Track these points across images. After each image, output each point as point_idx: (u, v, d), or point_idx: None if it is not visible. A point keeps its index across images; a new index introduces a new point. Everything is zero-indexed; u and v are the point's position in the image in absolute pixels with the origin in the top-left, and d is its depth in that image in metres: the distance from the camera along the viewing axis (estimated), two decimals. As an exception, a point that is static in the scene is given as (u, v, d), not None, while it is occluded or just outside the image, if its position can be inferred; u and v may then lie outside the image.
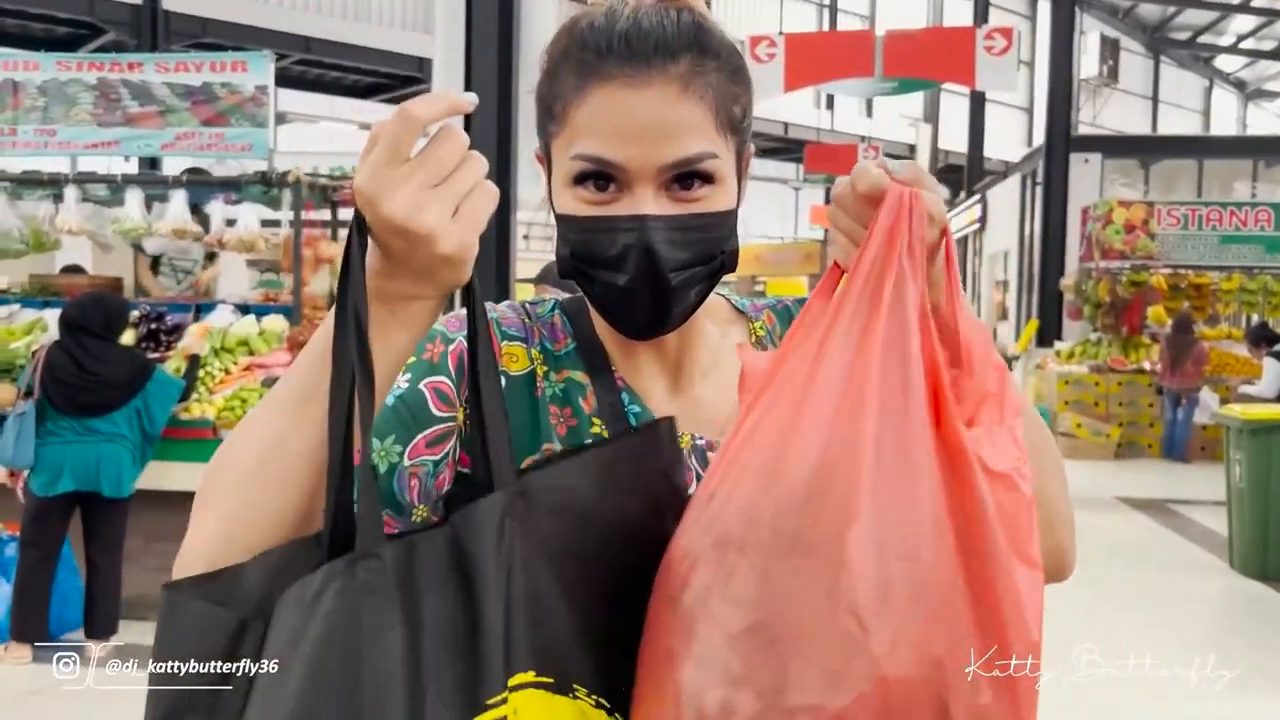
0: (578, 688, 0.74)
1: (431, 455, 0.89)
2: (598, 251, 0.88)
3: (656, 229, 0.86)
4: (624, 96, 0.86)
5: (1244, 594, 6.12)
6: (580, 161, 0.87)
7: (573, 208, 0.89)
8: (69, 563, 4.80)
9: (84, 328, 4.65)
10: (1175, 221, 13.11)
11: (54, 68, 6.43)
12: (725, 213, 0.90)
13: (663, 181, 0.87)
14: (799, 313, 0.82)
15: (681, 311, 0.91)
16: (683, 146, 0.86)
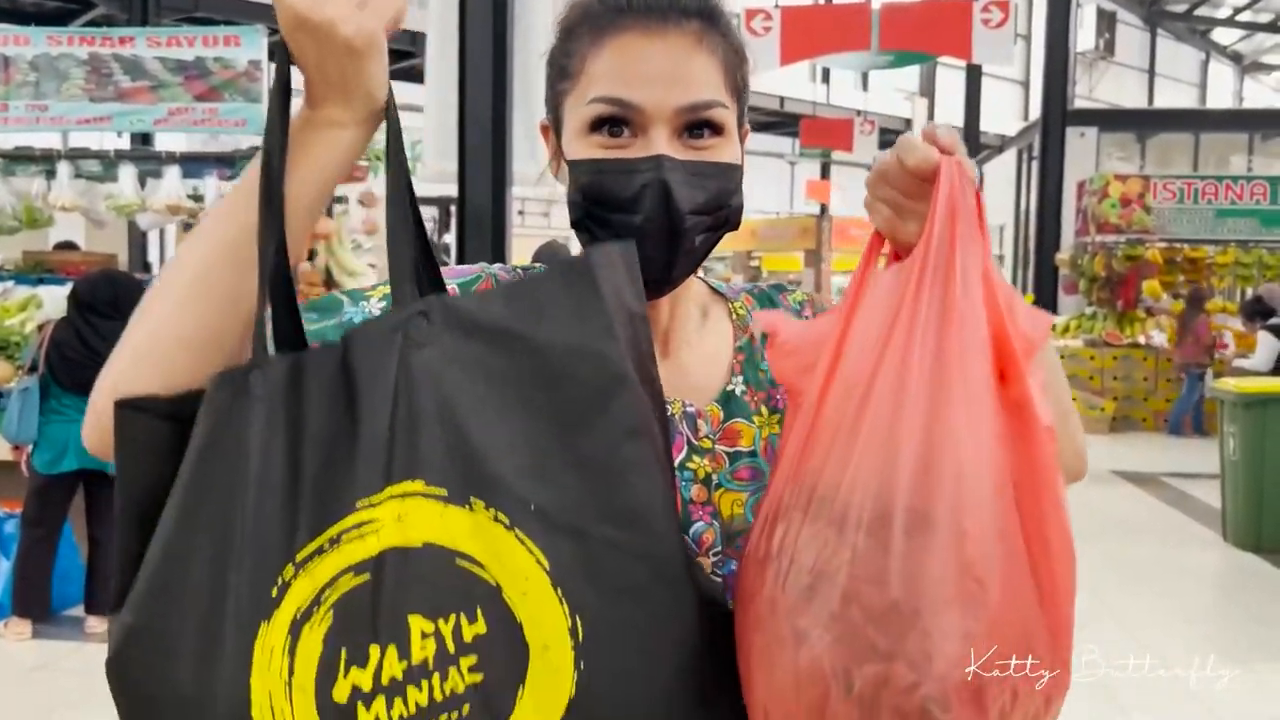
0: (476, 501, 0.73)
1: None
2: (613, 192, 0.90)
3: (674, 169, 0.88)
4: (642, 43, 0.89)
5: (1237, 566, 6.16)
6: (598, 105, 0.89)
7: (588, 151, 0.91)
8: (69, 539, 4.81)
9: (92, 306, 4.63)
10: (1171, 195, 13.10)
11: (45, 42, 6.39)
12: (734, 165, 0.93)
13: (676, 127, 0.89)
14: (853, 281, 0.84)
15: (688, 260, 0.92)
16: (698, 91, 0.89)
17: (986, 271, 0.76)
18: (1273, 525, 6.28)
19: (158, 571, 0.75)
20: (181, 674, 0.75)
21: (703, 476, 0.96)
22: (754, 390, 1.01)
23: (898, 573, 0.71)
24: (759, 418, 1.00)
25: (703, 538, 0.94)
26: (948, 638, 0.70)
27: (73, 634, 4.62)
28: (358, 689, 0.72)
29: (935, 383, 0.74)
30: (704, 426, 0.98)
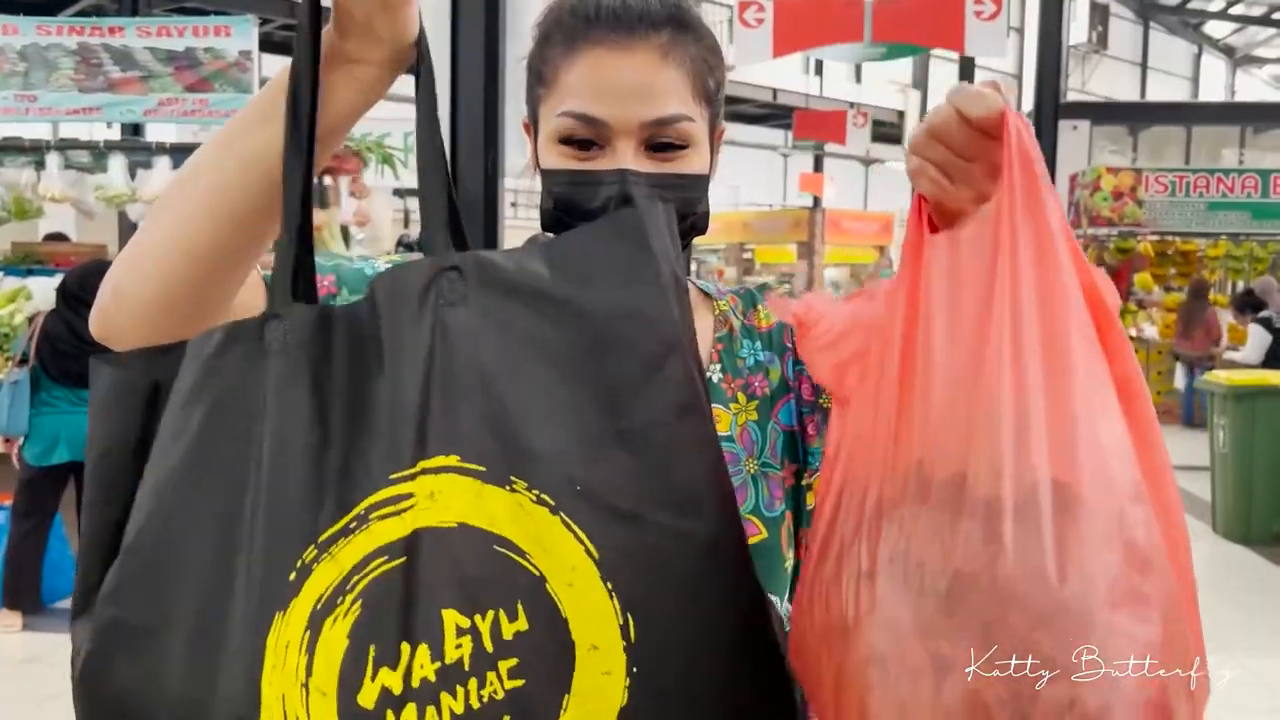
0: (516, 480, 0.66)
1: None
2: (580, 203, 0.92)
3: (637, 183, 0.90)
4: (610, 59, 0.91)
5: (1227, 557, 6.19)
6: (567, 118, 0.92)
7: (558, 162, 0.94)
8: (59, 531, 4.80)
9: (81, 298, 4.61)
10: (1163, 188, 13.13)
11: (34, 32, 6.35)
12: (699, 176, 0.95)
13: (642, 141, 0.92)
14: (903, 253, 0.77)
15: None
16: (663, 106, 0.91)
17: (1066, 229, 0.68)
18: (1262, 517, 6.31)
19: (145, 552, 0.68)
20: (175, 675, 0.66)
21: None
22: (731, 378, 1.02)
23: (1062, 563, 0.60)
24: (735, 405, 1.01)
25: None
26: (1130, 642, 0.60)
27: (63, 626, 4.59)
28: (387, 692, 0.64)
29: (1052, 350, 0.65)
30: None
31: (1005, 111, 0.71)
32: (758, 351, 1.05)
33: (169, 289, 0.76)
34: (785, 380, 1.05)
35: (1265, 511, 6.30)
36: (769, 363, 1.04)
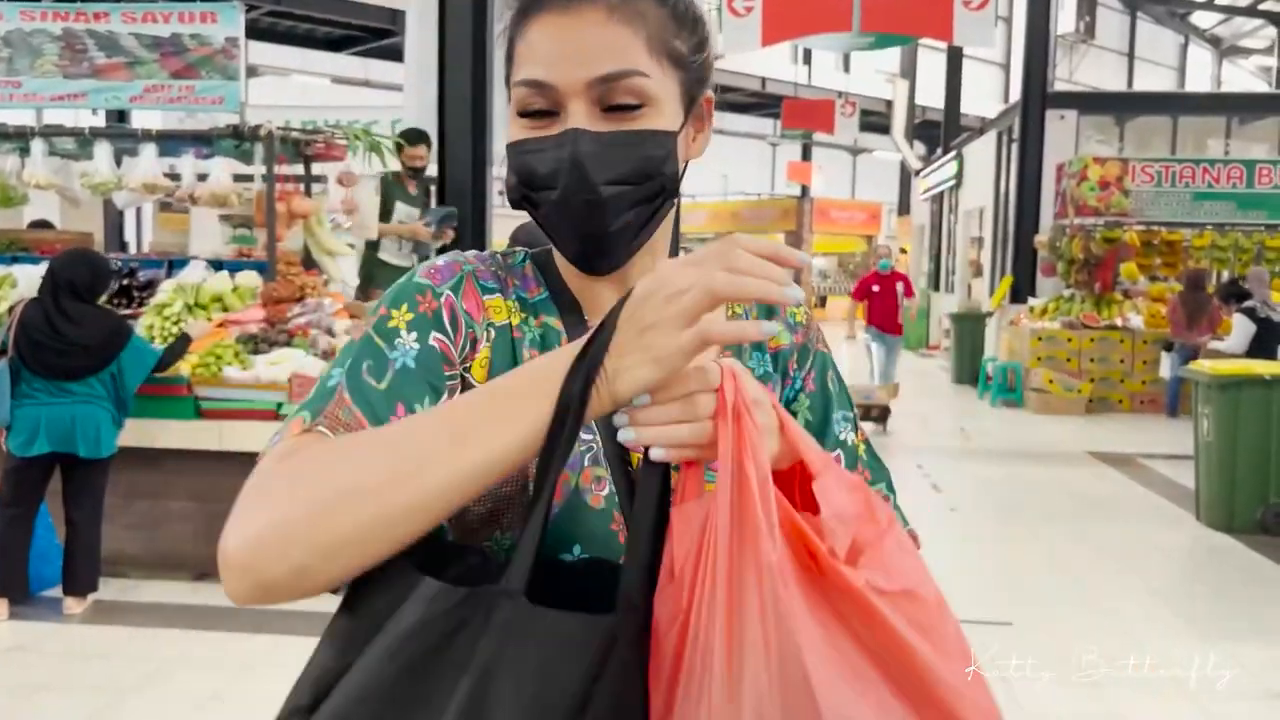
0: None
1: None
2: (535, 171, 0.91)
3: (584, 140, 0.89)
4: (555, 22, 0.91)
5: (1210, 546, 6.24)
6: (520, 88, 0.92)
7: (515, 135, 0.94)
8: (45, 520, 4.79)
9: (71, 288, 4.57)
10: (1149, 178, 13.18)
11: (17, 18, 6.29)
12: (659, 132, 0.92)
13: (594, 100, 0.90)
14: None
15: (620, 233, 0.92)
16: (609, 63, 0.89)
17: (764, 479, 0.73)
18: (1245, 505, 6.37)
19: None
20: None
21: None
22: None
23: None
24: None
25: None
26: None
27: (50, 615, 4.60)
28: None
29: (740, 613, 0.71)
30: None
31: (722, 376, 0.77)
32: (766, 364, 1.05)
33: (364, 564, 0.75)
34: (784, 403, 1.05)
35: (1248, 499, 6.36)
36: (775, 384, 1.04)
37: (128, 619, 4.57)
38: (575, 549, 0.90)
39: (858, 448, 1.08)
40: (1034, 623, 4.71)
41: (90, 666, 4.12)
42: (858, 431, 1.09)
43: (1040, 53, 14.48)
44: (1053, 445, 9.69)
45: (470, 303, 0.95)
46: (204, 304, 5.43)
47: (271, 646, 4.28)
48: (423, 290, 0.93)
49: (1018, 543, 6.23)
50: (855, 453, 1.08)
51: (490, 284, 0.98)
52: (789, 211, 26.02)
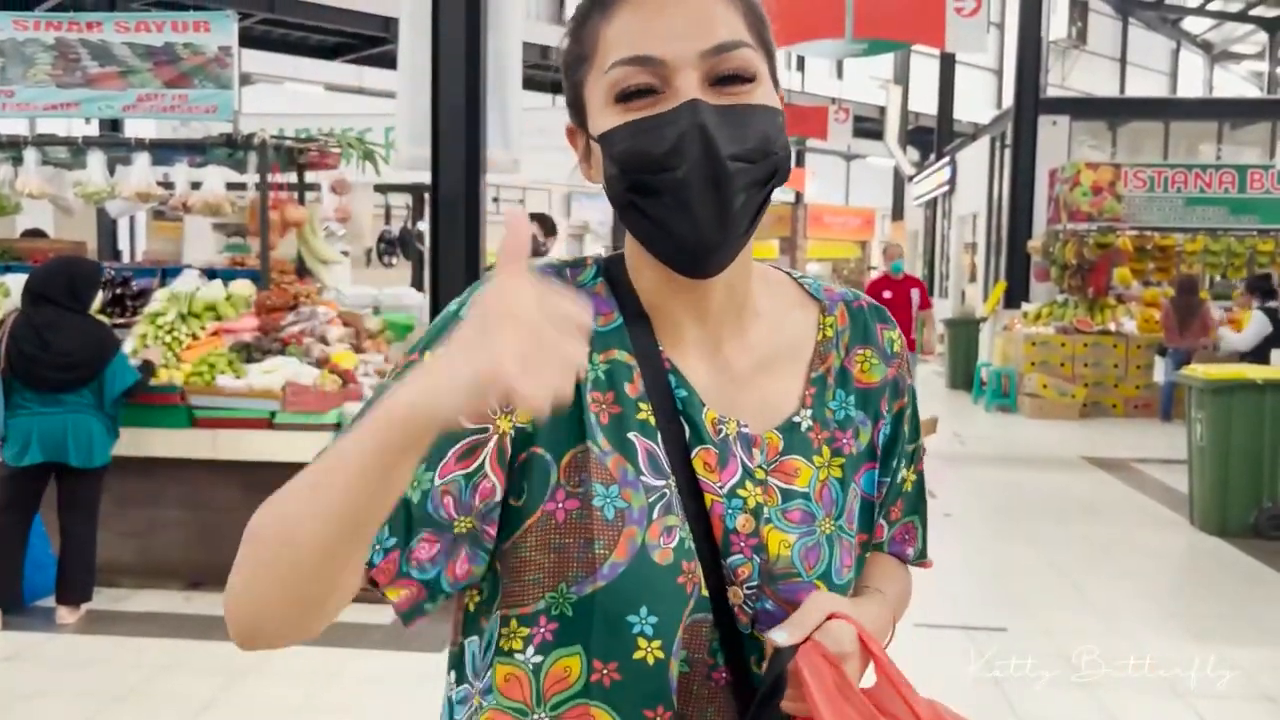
0: None
1: (462, 469, 0.85)
2: (649, 151, 0.84)
3: (708, 111, 0.83)
4: (654, 2, 0.85)
5: (1204, 549, 6.25)
6: (619, 68, 0.85)
7: (616, 120, 0.86)
8: (40, 530, 4.77)
9: (46, 296, 4.57)
10: (1142, 183, 13.22)
11: (10, 27, 6.29)
12: (773, 108, 0.88)
13: (705, 73, 0.85)
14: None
15: (740, 215, 0.86)
16: (723, 32, 0.85)
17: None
18: (1238, 510, 6.38)
19: None
20: None
21: (752, 506, 0.90)
22: (820, 428, 0.95)
23: None
24: (819, 458, 0.94)
25: (739, 570, 0.88)
26: None
27: (44, 625, 4.58)
28: None
29: None
30: (759, 455, 0.92)
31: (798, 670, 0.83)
32: (849, 406, 0.97)
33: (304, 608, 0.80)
34: (874, 446, 0.99)
35: (1241, 504, 6.37)
36: (860, 423, 0.98)
37: (121, 628, 4.56)
38: (642, 610, 0.85)
39: (905, 483, 1.03)
40: (1029, 627, 4.71)
41: (83, 675, 4.11)
42: (915, 463, 1.04)
43: (1032, 58, 14.52)
44: (1047, 450, 9.70)
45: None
46: (197, 312, 5.42)
47: (263, 656, 4.27)
48: (448, 328, 0.89)
49: (1012, 547, 6.24)
50: (901, 489, 1.03)
51: None
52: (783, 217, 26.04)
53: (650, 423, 0.90)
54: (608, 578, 0.85)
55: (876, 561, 1.03)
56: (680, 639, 0.86)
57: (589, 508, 0.86)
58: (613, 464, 0.88)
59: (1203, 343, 10.53)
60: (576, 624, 0.86)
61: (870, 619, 0.90)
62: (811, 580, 0.90)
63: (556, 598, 0.86)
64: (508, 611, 0.89)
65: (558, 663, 0.86)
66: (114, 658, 4.27)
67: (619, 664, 0.85)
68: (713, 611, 0.88)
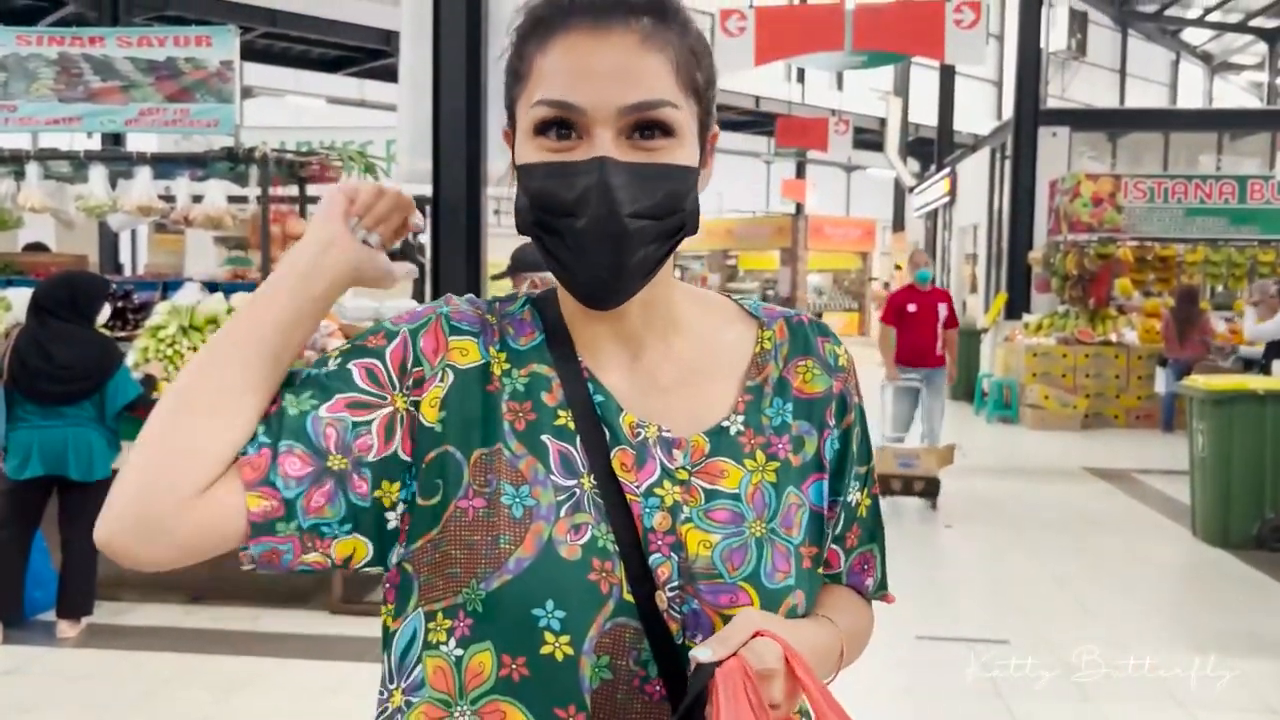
0: None
1: (351, 416, 0.90)
2: (557, 195, 0.87)
3: (615, 170, 0.86)
4: (586, 43, 0.87)
5: (1206, 560, 6.24)
6: (542, 107, 0.88)
7: (534, 156, 0.89)
8: (40, 544, 4.77)
9: (48, 309, 4.58)
10: (1142, 194, 13.24)
11: (13, 42, 6.31)
12: (685, 167, 0.90)
13: (622, 127, 0.87)
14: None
15: (638, 266, 0.89)
16: (643, 90, 0.87)
17: None
18: (1240, 521, 6.37)
19: None
20: None
21: (669, 505, 0.91)
22: (753, 434, 0.97)
23: None
24: (751, 462, 0.95)
25: (660, 570, 0.89)
26: None
27: (44, 639, 4.58)
28: None
29: None
30: (680, 456, 0.94)
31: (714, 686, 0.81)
32: (787, 413, 0.99)
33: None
34: (820, 458, 1.00)
35: (1243, 514, 6.36)
36: (804, 433, 0.99)
37: (121, 642, 4.56)
38: (548, 604, 0.87)
39: (859, 507, 1.04)
40: (1030, 638, 4.70)
41: (83, 689, 4.10)
42: (868, 487, 1.05)
43: (1032, 70, 14.57)
44: (1048, 461, 9.69)
45: (429, 343, 0.94)
46: (199, 326, 5.43)
47: (263, 669, 4.27)
48: (376, 331, 0.96)
49: (1014, 559, 6.23)
50: (855, 513, 1.04)
51: (465, 326, 0.96)
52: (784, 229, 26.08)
53: (569, 427, 0.93)
54: (514, 572, 0.87)
55: (833, 593, 1.04)
56: (596, 641, 0.87)
57: (497, 506, 0.89)
58: (524, 466, 0.91)
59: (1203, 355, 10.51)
60: (486, 619, 0.88)
61: (806, 641, 0.88)
62: (736, 581, 0.90)
63: (470, 594, 0.88)
64: (432, 606, 0.91)
65: (474, 658, 0.89)
66: (115, 671, 4.26)
67: (526, 659, 0.87)
68: (642, 620, 0.88)
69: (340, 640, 4.55)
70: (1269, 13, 24.15)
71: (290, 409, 0.89)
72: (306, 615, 4.87)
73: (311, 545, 0.88)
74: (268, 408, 0.90)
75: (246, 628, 4.73)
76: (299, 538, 0.87)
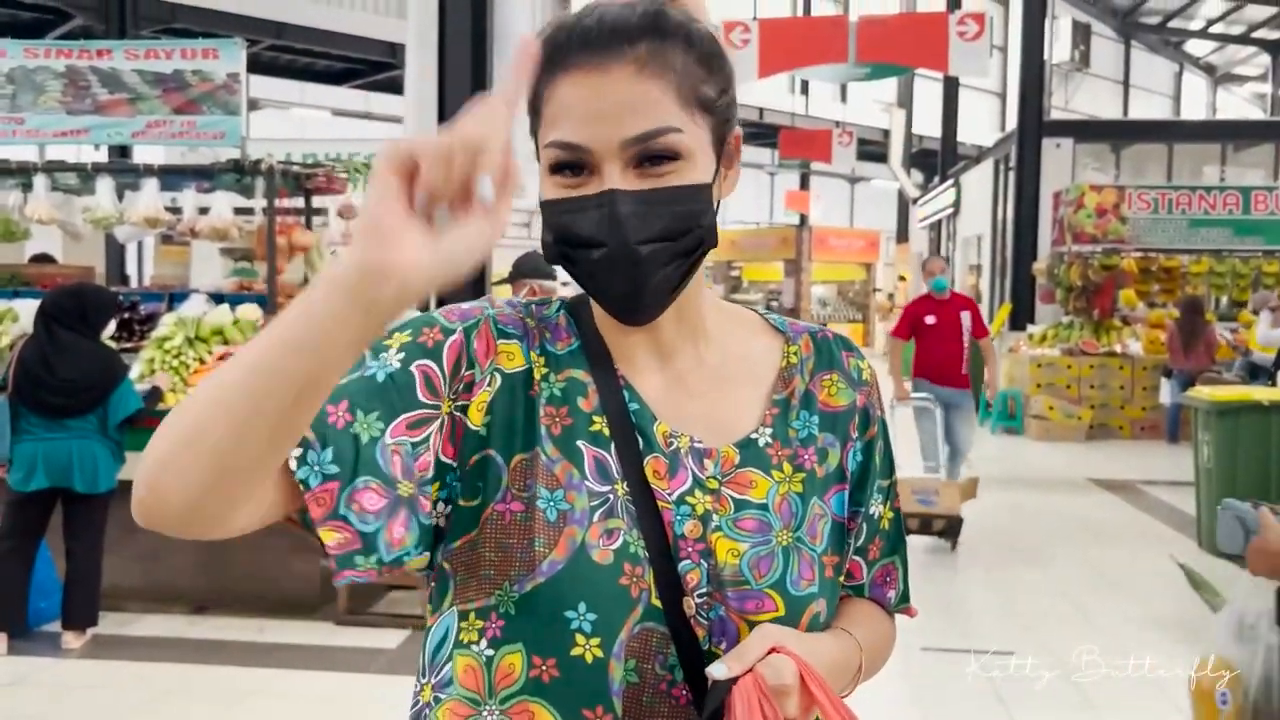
0: None
1: (410, 437, 0.90)
2: (574, 230, 0.91)
3: (623, 202, 0.89)
4: (585, 82, 0.90)
5: (1211, 572, 6.21)
6: (552, 149, 0.91)
7: (552, 193, 0.93)
8: (45, 554, 4.78)
9: (56, 319, 4.60)
10: (1146, 205, 13.25)
11: (21, 55, 6.35)
12: (695, 186, 0.92)
13: (628, 159, 0.90)
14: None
15: (660, 287, 0.92)
16: (643, 122, 0.89)
17: None
18: (1246, 531, 6.35)
19: None
20: None
21: (700, 513, 0.94)
22: (780, 445, 1.00)
23: None
24: (779, 473, 0.98)
25: (689, 576, 0.92)
26: None
27: (49, 650, 4.58)
28: None
29: None
30: (711, 466, 0.96)
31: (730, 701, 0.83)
32: (814, 425, 1.02)
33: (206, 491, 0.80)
34: (844, 469, 1.02)
35: (1249, 526, 6.34)
36: (828, 445, 1.02)
37: (126, 653, 4.56)
38: (580, 606, 0.89)
39: (882, 520, 1.07)
40: (1035, 650, 4.69)
41: (88, 700, 4.10)
42: (891, 500, 1.08)
43: (1036, 82, 14.60)
44: (1053, 472, 9.68)
45: (480, 345, 0.95)
46: (204, 337, 5.45)
47: (268, 680, 4.27)
48: (432, 324, 0.95)
49: (1018, 570, 6.21)
50: (877, 526, 1.06)
51: (511, 330, 0.98)
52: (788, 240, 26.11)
53: (604, 433, 0.95)
54: (547, 574, 0.89)
55: (854, 606, 1.06)
56: (625, 644, 0.89)
57: (533, 509, 0.91)
58: (560, 470, 0.93)
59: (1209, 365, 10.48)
60: (519, 621, 0.90)
61: (823, 655, 0.90)
62: (762, 589, 0.92)
63: (503, 596, 0.91)
64: (465, 606, 0.93)
65: (504, 658, 0.91)
66: (119, 682, 4.26)
67: (557, 660, 0.89)
68: (669, 626, 0.90)
69: (345, 651, 4.55)
70: (1272, 24, 24.19)
71: (361, 434, 0.87)
72: (311, 626, 4.87)
73: (390, 571, 0.90)
74: (331, 415, 0.86)
75: (251, 638, 4.73)
76: (378, 570, 0.89)
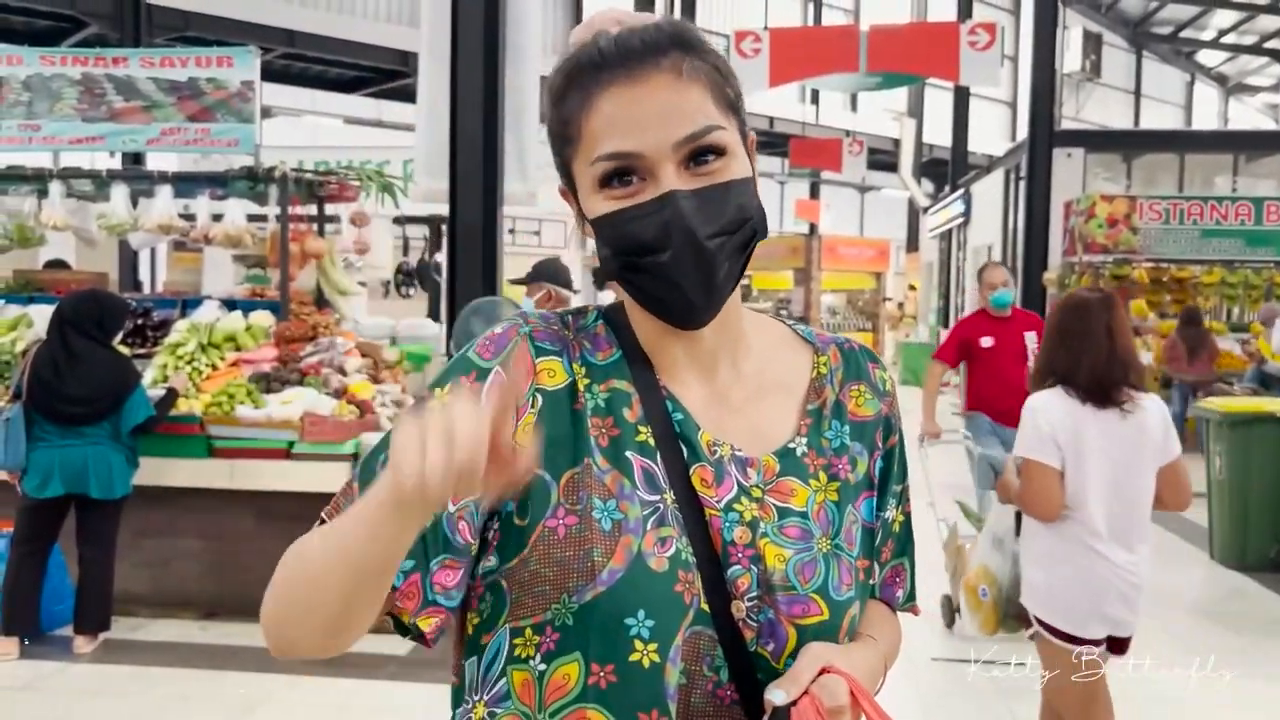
0: None
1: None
2: (637, 238, 0.93)
3: (686, 200, 0.92)
4: (628, 93, 0.93)
5: (1224, 583, 6.19)
6: (603, 163, 0.93)
7: (605, 207, 0.95)
8: (58, 559, 4.80)
9: (74, 323, 4.63)
10: (1157, 215, 13.20)
11: (38, 62, 6.41)
12: (744, 179, 0.96)
13: (680, 160, 0.93)
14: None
15: (725, 283, 0.95)
16: (691, 122, 0.92)
17: None
18: (1258, 543, 6.32)
19: None
20: None
21: (748, 520, 0.96)
22: (815, 455, 1.02)
23: None
24: (816, 482, 1.01)
25: (739, 582, 0.94)
26: None
27: (61, 654, 4.59)
28: None
29: None
30: (754, 475, 0.98)
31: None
32: (845, 435, 1.05)
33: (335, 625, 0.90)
34: (870, 477, 1.06)
35: (1261, 537, 6.31)
36: (857, 454, 1.05)
37: (137, 658, 4.57)
38: (640, 613, 0.90)
39: (894, 523, 1.09)
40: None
41: (99, 704, 4.12)
42: (903, 504, 1.11)
43: (1047, 91, 14.58)
44: (1064, 483, 9.61)
45: (518, 370, 0.96)
46: (217, 343, 5.47)
47: (277, 686, 4.27)
48: (468, 368, 0.97)
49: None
50: (890, 528, 1.09)
51: (548, 345, 0.99)
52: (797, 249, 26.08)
53: (649, 443, 0.97)
54: (607, 583, 0.91)
55: (871, 608, 1.08)
56: (679, 648, 0.91)
57: (588, 520, 0.92)
58: (610, 480, 0.94)
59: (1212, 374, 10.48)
60: (576, 631, 0.91)
61: (864, 668, 0.94)
62: (807, 593, 0.95)
63: (560, 609, 0.92)
64: (519, 623, 0.94)
65: (558, 670, 0.92)
66: (129, 687, 4.28)
67: (615, 666, 0.90)
68: (716, 629, 0.92)
69: (353, 658, 4.56)
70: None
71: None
72: (321, 632, 4.87)
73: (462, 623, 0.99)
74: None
75: (260, 644, 4.71)
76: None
